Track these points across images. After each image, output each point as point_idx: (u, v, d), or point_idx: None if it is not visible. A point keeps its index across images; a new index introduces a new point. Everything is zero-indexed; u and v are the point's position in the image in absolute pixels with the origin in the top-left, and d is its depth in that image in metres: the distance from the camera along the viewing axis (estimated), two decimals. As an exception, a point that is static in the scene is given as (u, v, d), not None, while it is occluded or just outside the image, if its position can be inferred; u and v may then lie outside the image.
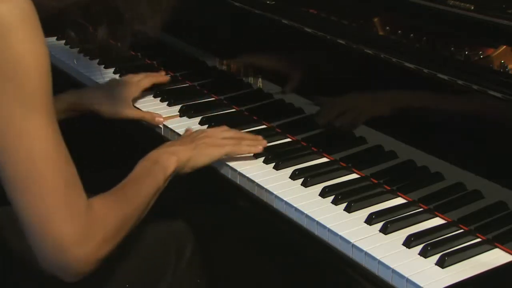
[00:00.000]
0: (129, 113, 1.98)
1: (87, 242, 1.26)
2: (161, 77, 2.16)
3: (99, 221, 1.30)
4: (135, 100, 2.04)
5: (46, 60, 1.25)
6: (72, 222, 1.24)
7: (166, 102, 2.05)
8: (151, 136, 1.96)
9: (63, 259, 1.25)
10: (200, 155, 1.65)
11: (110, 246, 1.32)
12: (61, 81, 2.33)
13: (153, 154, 1.58)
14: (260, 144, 1.76)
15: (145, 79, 2.10)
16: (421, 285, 1.31)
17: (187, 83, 2.21)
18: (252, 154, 1.75)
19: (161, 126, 1.94)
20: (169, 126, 1.92)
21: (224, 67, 2.16)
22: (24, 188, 1.23)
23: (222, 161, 1.73)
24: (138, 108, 2.02)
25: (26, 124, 1.22)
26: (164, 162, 1.55)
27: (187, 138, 1.71)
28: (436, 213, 1.52)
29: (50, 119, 1.25)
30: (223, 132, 1.77)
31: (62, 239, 1.24)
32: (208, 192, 1.88)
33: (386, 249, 1.41)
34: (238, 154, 1.73)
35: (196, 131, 1.79)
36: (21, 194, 1.23)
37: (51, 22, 2.29)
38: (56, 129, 1.26)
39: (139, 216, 1.44)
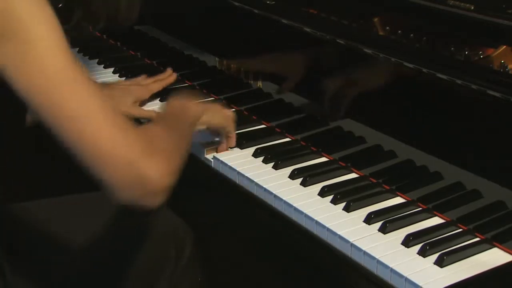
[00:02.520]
0: (137, 112, 1.99)
1: (153, 154, 1.28)
2: (170, 77, 2.16)
3: (157, 138, 1.34)
4: (142, 103, 2.04)
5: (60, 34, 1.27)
6: (133, 140, 1.27)
7: (166, 102, 2.05)
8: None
9: (138, 175, 1.26)
10: (211, 114, 1.71)
11: (174, 162, 1.34)
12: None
13: (177, 102, 1.62)
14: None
15: (154, 84, 2.10)
16: (420, 285, 1.31)
17: (186, 83, 2.21)
18: (251, 154, 1.75)
19: None
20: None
21: (223, 67, 2.16)
22: (76, 130, 1.24)
23: (221, 160, 1.73)
24: None
25: (56, 69, 1.24)
26: (188, 110, 1.60)
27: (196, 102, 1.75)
28: (435, 212, 1.52)
29: (70, 59, 1.27)
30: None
31: (129, 157, 1.25)
32: (208, 191, 1.88)
33: (385, 249, 1.40)
34: (228, 132, 1.77)
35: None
36: (78, 136, 1.25)
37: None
38: (80, 70, 1.28)
39: (184, 147, 1.47)
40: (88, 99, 1.25)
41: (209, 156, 1.77)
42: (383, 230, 1.46)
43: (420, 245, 1.40)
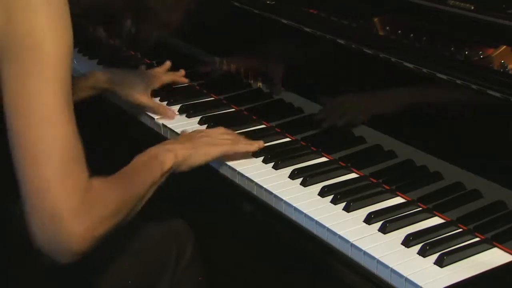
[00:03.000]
0: (145, 100, 2.00)
1: (84, 217, 1.24)
2: (181, 77, 2.16)
3: (98, 199, 1.28)
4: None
5: (67, 35, 1.26)
6: (71, 194, 1.23)
7: (166, 102, 2.05)
8: (149, 134, 1.97)
9: (58, 232, 1.22)
10: (198, 154, 1.64)
11: (106, 226, 1.30)
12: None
13: (152, 150, 1.57)
14: (257, 143, 1.75)
15: (165, 75, 2.12)
16: (420, 285, 1.31)
17: (186, 83, 2.20)
18: (251, 154, 1.75)
19: (160, 124, 1.94)
20: (168, 126, 1.92)
21: (223, 67, 2.16)
22: (27, 154, 1.22)
23: (221, 161, 1.73)
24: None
25: (40, 91, 1.23)
26: (161, 158, 1.54)
27: (185, 137, 1.71)
28: (435, 212, 1.52)
29: (64, 92, 1.25)
30: (221, 133, 1.77)
31: (59, 210, 1.22)
32: (208, 191, 1.88)
33: (385, 249, 1.41)
34: (235, 152, 1.73)
35: (194, 131, 1.79)
36: (24, 160, 1.23)
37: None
38: (69, 103, 1.27)
39: (135, 205, 1.42)
40: (55, 141, 1.23)
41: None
42: (383, 230, 1.46)
43: (420, 245, 1.40)
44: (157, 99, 2.06)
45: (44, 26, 1.23)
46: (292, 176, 1.66)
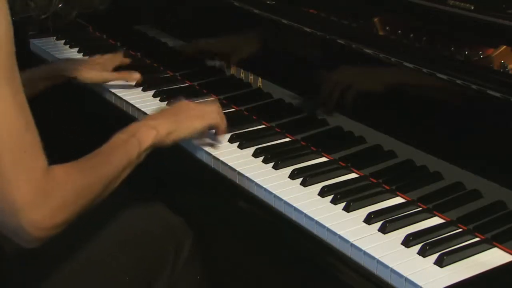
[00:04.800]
0: (108, 75, 2.09)
1: (43, 205, 1.25)
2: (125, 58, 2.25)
3: (57, 186, 1.28)
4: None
5: (6, 29, 1.24)
6: (28, 183, 1.23)
7: (166, 102, 2.05)
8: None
9: (17, 221, 1.23)
10: (182, 128, 1.64)
11: (67, 213, 1.30)
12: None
13: (132, 127, 1.56)
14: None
15: (114, 58, 2.21)
16: (420, 284, 1.31)
17: (186, 83, 2.21)
18: (251, 154, 1.75)
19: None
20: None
21: (223, 67, 2.16)
22: None
23: (221, 161, 1.73)
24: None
25: None
26: (141, 136, 1.54)
27: (170, 110, 1.70)
28: (435, 212, 1.52)
29: (12, 84, 1.24)
30: (207, 105, 1.77)
31: (16, 200, 1.22)
32: (207, 191, 1.88)
33: (384, 249, 1.40)
34: (219, 128, 1.74)
35: (179, 102, 1.76)
36: None
37: (50, 22, 2.30)
38: (19, 93, 1.25)
39: (107, 186, 1.41)
40: (11, 121, 1.22)
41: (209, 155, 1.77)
42: (383, 230, 1.46)
43: (420, 245, 1.40)
44: (157, 99, 2.06)
45: None
46: (292, 176, 1.66)
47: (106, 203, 1.41)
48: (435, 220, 1.50)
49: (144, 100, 2.07)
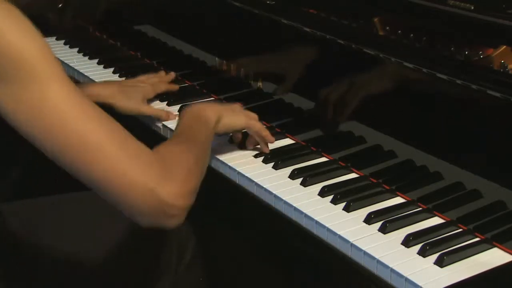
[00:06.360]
0: (144, 109, 1.96)
1: (170, 178, 1.29)
2: (174, 86, 2.13)
3: (170, 160, 1.33)
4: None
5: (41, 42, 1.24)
6: (149, 168, 1.27)
7: (166, 102, 2.05)
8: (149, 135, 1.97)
9: (157, 202, 1.27)
10: (232, 115, 1.68)
11: (193, 179, 1.36)
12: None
13: (192, 109, 1.61)
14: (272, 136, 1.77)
15: (161, 84, 2.08)
16: (420, 284, 1.31)
17: (186, 83, 2.21)
18: (251, 154, 1.75)
19: (160, 125, 1.94)
20: (169, 126, 1.92)
21: (223, 67, 2.16)
22: (88, 164, 1.24)
23: (221, 161, 1.73)
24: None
25: (54, 101, 1.22)
26: (206, 116, 1.59)
27: (215, 102, 1.71)
28: (435, 212, 1.52)
29: (71, 87, 1.25)
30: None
31: (147, 183, 1.26)
32: (208, 191, 1.88)
33: (385, 249, 1.40)
34: (256, 130, 1.73)
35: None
36: (88, 170, 1.24)
37: (50, 22, 2.31)
38: (81, 95, 1.26)
39: (204, 160, 1.47)
40: (96, 129, 1.24)
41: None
42: (383, 230, 1.46)
43: (420, 245, 1.40)
44: (157, 100, 2.06)
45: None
46: (292, 176, 1.66)
47: (107, 203, 1.40)
48: (435, 220, 1.50)
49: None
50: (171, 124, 1.92)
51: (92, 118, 1.24)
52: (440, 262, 1.36)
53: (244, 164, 1.72)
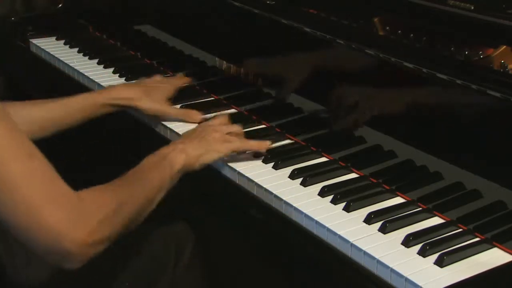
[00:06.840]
0: (169, 110, 1.93)
1: (81, 224, 1.27)
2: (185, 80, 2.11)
3: (90, 205, 1.31)
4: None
5: None
6: (61, 209, 1.26)
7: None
8: (150, 135, 1.96)
9: (60, 245, 1.25)
10: (210, 152, 1.64)
11: (107, 229, 1.32)
12: (60, 80, 2.35)
13: (162, 150, 1.57)
14: (264, 143, 1.74)
15: (177, 79, 2.07)
16: (420, 284, 1.31)
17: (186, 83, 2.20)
18: (251, 154, 1.75)
19: (160, 125, 1.94)
20: (169, 126, 1.92)
21: (223, 67, 2.16)
22: (6, 201, 1.24)
23: (221, 161, 1.73)
24: None
25: None
26: (172, 159, 1.55)
27: (195, 134, 1.70)
28: (435, 212, 1.52)
29: (13, 132, 1.26)
30: (228, 126, 1.76)
31: (55, 227, 1.24)
32: (208, 192, 1.88)
33: (385, 249, 1.40)
34: (245, 150, 1.72)
35: (201, 125, 1.78)
36: (4, 207, 1.24)
37: (50, 22, 2.30)
38: (23, 138, 1.27)
39: (141, 206, 1.43)
40: (18, 166, 1.24)
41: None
42: (383, 230, 1.46)
43: (420, 245, 1.40)
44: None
45: None
46: (292, 176, 1.66)
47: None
48: (435, 220, 1.50)
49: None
50: (171, 124, 1.92)
51: (16, 157, 1.25)
52: (440, 262, 1.35)
53: (244, 164, 1.71)
